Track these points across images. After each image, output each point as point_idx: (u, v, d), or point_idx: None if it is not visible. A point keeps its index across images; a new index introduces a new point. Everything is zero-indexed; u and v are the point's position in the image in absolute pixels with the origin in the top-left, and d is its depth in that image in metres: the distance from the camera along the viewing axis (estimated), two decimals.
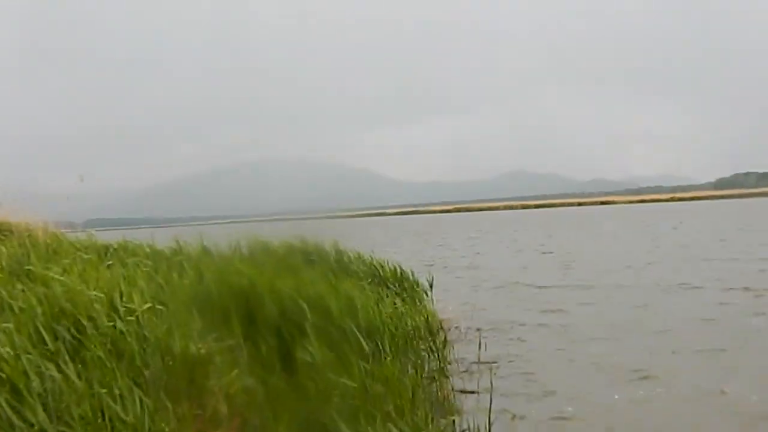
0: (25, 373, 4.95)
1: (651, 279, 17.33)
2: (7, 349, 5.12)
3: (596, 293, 15.54)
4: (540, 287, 17.09)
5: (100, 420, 4.86)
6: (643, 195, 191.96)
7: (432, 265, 20.51)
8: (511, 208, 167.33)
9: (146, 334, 6.05)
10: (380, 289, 9.80)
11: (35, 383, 4.93)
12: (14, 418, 4.61)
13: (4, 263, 7.92)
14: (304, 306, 7.49)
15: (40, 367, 5.12)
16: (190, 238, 11.07)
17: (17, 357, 5.05)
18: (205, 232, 11.15)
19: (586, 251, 27.81)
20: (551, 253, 28.20)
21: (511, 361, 9.41)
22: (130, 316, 6.22)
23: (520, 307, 14.12)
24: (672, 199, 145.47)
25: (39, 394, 4.93)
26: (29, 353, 5.20)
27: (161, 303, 6.97)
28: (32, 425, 4.66)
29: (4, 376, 4.88)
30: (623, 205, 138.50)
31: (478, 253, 30.35)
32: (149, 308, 6.55)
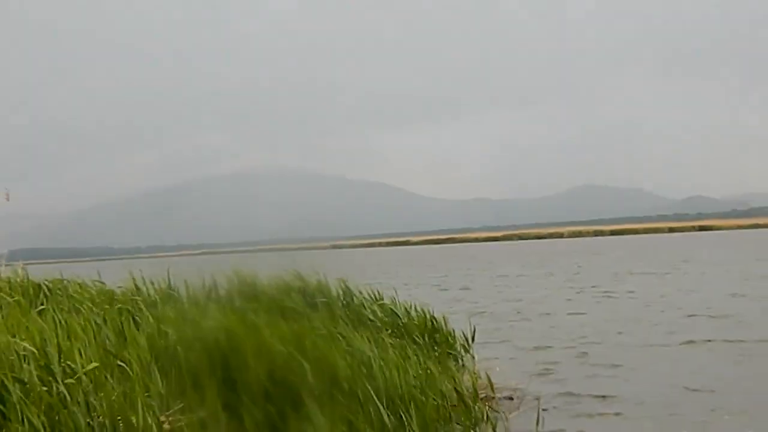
0: None
1: (747, 335, 16.69)
2: None
3: (666, 353, 15.19)
4: (596, 342, 16.84)
5: None
6: (755, 218, 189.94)
7: (454, 314, 20.12)
8: (579, 234, 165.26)
9: (93, 401, 6.04)
10: (405, 342, 9.76)
11: None
12: None
13: None
14: (305, 365, 7.46)
15: None
16: (150, 274, 11.13)
17: None
18: (170, 266, 11.17)
19: (665, 296, 27.31)
20: (626, 295, 27.84)
21: None
22: (71, 378, 6.21)
23: (571, 369, 13.86)
24: None
25: None
26: None
27: (112, 361, 6.96)
28: None
29: None
30: (729, 231, 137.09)
31: (520, 299, 29.63)
32: (96, 368, 6.53)
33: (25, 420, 5.65)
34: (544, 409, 10.33)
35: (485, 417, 8.89)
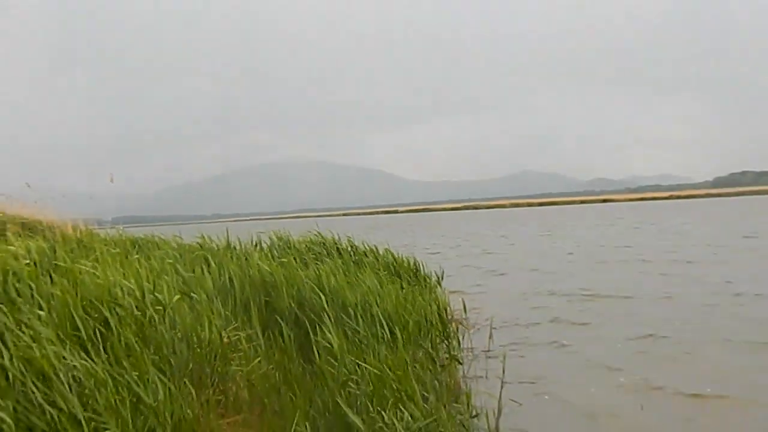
0: (54, 361, 4.78)
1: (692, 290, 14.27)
2: (34, 339, 4.97)
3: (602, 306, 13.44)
4: (547, 272, 17.86)
5: (126, 404, 4.79)
6: (642, 193, 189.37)
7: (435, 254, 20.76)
8: (517, 206, 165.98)
9: (176, 321, 6.01)
10: (396, 279, 9.70)
11: (62, 371, 4.79)
12: (45, 405, 4.53)
13: (35, 257, 7.85)
14: (322, 297, 7.45)
15: (65, 357, 4.94)
16: (214, 234, 11.08)
17: (46, 346, 4.90)
18: (229, 228, 11.18)
19: (597, 246, 27.13)
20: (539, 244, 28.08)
21: (512, 351, 9.27)
22: (159, 306, 6.17)
23: (521, 305, 13.66)
24: (671, 197, 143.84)
25: (68, 383, 4.81)
26: (60, 342, 5.12)
27: (187, 294, 6.95)
28: (61, 410, 4.58)
29: (32, 364, 4.75)
30: (623, 203, 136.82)
31: (482, 252, 29.23)
32: (178, 299, 6.48)
33: (121, 336, 5.57)
34: (494, 328, 10.34)
35: (454, 333, 8.85)
